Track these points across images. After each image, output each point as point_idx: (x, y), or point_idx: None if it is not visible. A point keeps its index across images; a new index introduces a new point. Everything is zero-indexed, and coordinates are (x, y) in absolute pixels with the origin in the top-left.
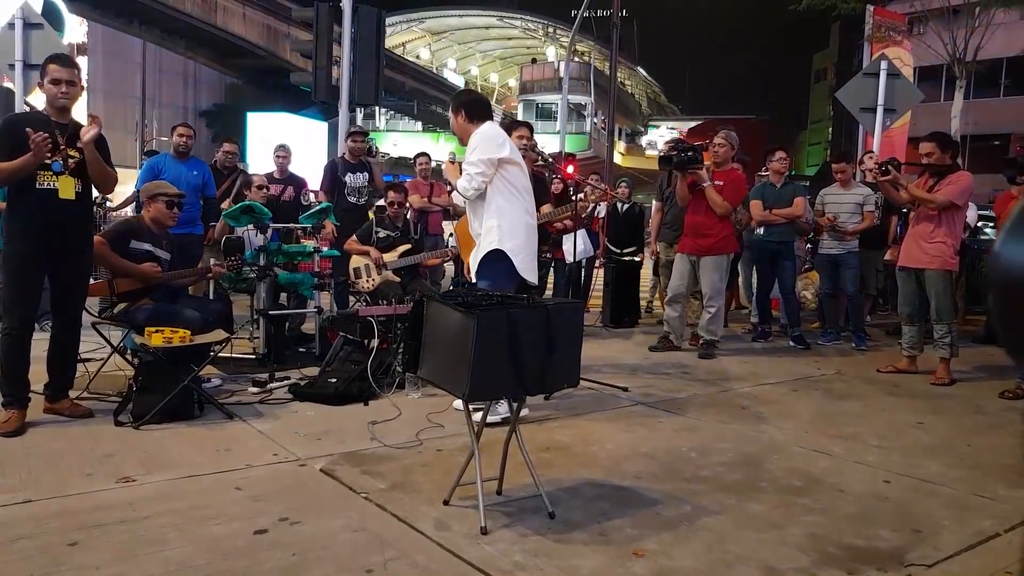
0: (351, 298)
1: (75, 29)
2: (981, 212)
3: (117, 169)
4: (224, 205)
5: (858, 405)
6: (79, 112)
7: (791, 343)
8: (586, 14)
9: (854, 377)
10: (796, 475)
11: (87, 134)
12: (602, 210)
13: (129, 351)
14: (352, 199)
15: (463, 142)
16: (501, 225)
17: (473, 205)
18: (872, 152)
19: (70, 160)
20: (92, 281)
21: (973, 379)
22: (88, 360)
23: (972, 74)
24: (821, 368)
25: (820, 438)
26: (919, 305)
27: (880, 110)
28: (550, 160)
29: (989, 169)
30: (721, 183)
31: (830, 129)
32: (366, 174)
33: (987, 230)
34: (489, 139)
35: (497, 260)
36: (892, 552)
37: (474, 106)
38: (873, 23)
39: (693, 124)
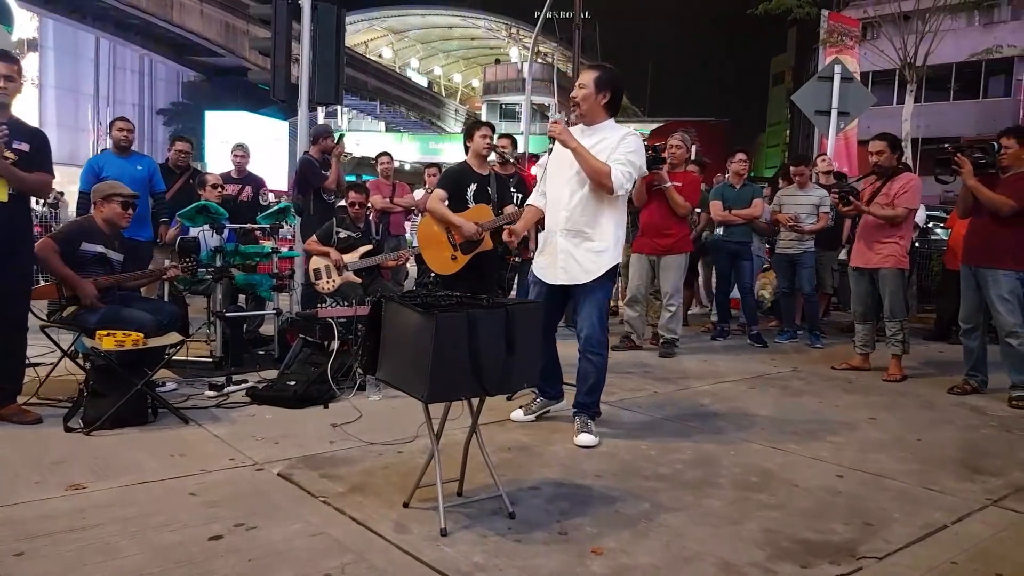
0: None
1: (25, 24)
2: (930, 213)
3: (71, 168)
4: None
5: (813, 402)
6: (32, 110)
7: (749, 341)
8: (549, 15)
9: (810, 374)
10: (752, 471)
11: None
12: None
13: (80, 355)
14: (324, 197)
15: (584, 117)
16: (621, 239)
17: (603, 205)
18: (825, 155)
19: (4, 161)
20: (42, 283)
21: (924, 375)
22: (38, 364)
23: (923, 78)
24: (778, 366)
25: (776, 434)
26: (871, 304)
27: (834, 113)
28: (514, 161)
29: None
30: (680, 184)
31: (788, 132)
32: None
33: (937, 230)
34: (642, 150)
35: (612, 272)
36: (844, 545)
37: (619, 97)
38: (827, 28)
39: (655, 126)
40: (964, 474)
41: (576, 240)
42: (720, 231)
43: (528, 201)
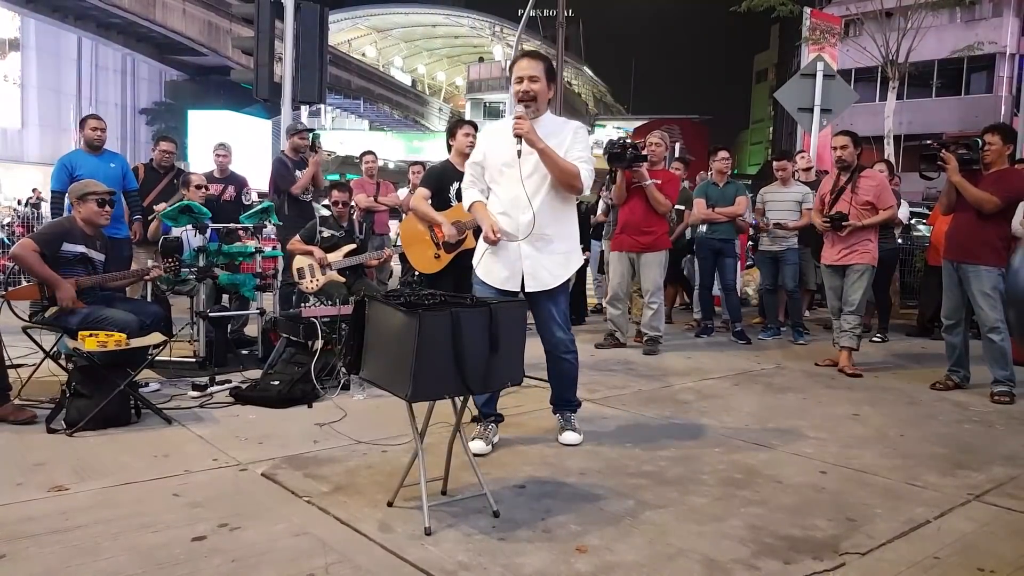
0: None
1: (7, 24)
2: (913, 209)
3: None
4: (160, 208)
5: (797, 398)
6: (12, 108)
7: (733, 338)
8: (532, 13)
9: (793, 371)
10: (736, 468)
11: None
12: None
13: (63, 356)
14: (302, 197)
15: (538, 112)
16: (578, 236)
17: (564, 204)
18: (805, 153)
19: None
20: (24, 284)
21: (906, 371)
22: (20, 365)
23: (905, 75)
24: (761, 362)
25: (760, 431)
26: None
27: (817, 110)
28: None
29: None
30: (659, 181)
31: (771, 129)
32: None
33: (920, 227)
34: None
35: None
36: (828, 541)
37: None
38: (810, 25)
39: (639, 123)
40: (947, 469)
41: (540, 244)
42: (703, 228)
43: (472, 199)
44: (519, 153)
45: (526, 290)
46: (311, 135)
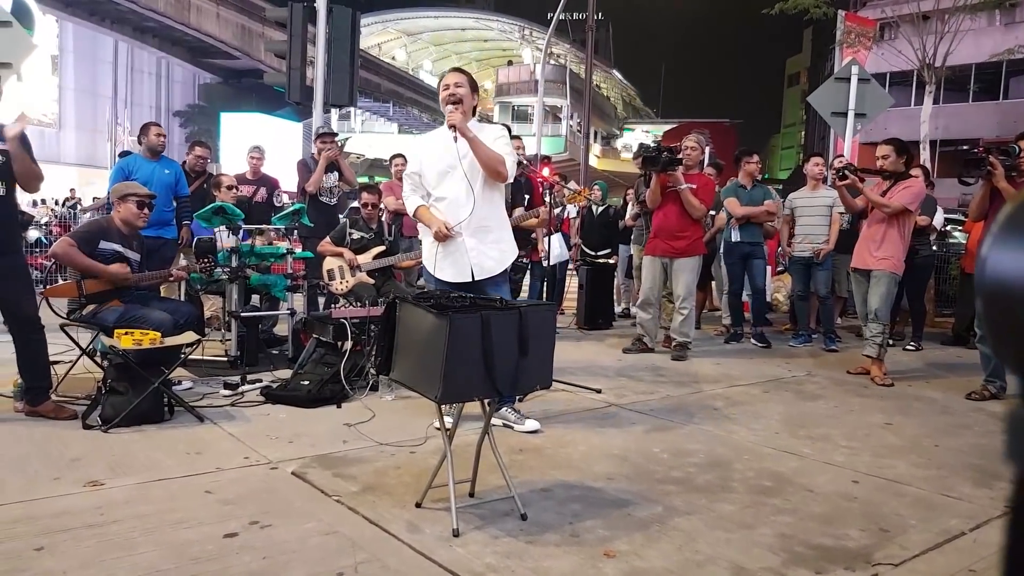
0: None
1: (49, 33)
2: (948, 216)
3: (89, 169)
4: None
5: (828, 406)
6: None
7: (753, 341)
8: (562, 17)
9: (824, 378)
10: (766, 475)
11: (12, 130)
12: (572, 211)
13: (98, 353)
14: (324, 199)
15: (465, 115)
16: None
17: (498, 196)
18: (842, 156)
19: (15, 142)
20: (61, 282)
21: (940, 381)
22: (57, 362)
23: (941, 79)
24: (792, 369)
25: (790, 439)
26: None
27: (851, 115)
28: (527, 163)
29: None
30: (695, 186)
31: (803, 133)
32: (336, 173)
33: (956, 233)
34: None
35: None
36: (860, 551)
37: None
38: (844, 28)
39: (668, 127)
40: (982, 480)
41: (481, 235)
42: (736, 235)
43: (416, 204)
44: (455, 139)
45: (475, 278)
46: (338, 139)
